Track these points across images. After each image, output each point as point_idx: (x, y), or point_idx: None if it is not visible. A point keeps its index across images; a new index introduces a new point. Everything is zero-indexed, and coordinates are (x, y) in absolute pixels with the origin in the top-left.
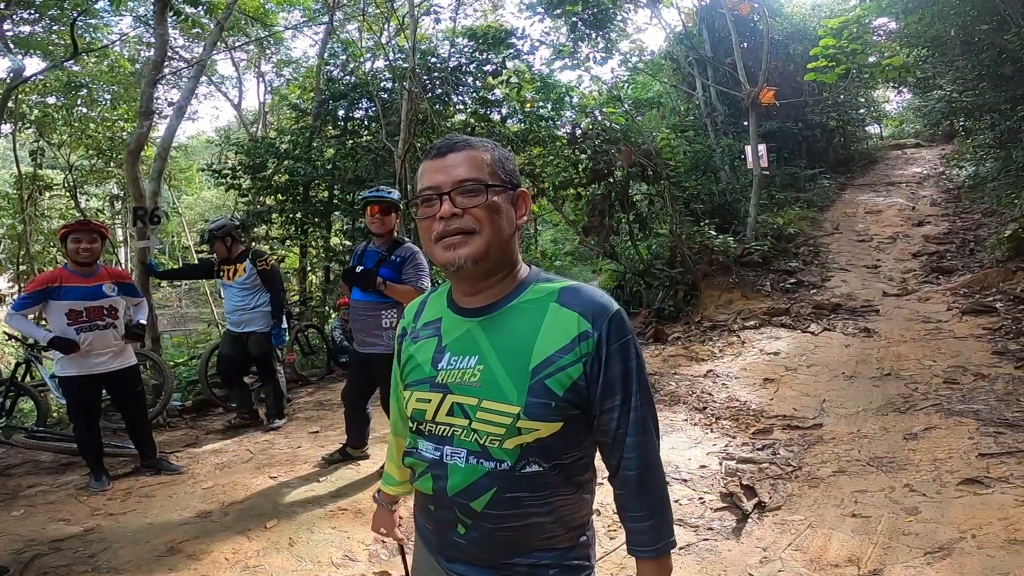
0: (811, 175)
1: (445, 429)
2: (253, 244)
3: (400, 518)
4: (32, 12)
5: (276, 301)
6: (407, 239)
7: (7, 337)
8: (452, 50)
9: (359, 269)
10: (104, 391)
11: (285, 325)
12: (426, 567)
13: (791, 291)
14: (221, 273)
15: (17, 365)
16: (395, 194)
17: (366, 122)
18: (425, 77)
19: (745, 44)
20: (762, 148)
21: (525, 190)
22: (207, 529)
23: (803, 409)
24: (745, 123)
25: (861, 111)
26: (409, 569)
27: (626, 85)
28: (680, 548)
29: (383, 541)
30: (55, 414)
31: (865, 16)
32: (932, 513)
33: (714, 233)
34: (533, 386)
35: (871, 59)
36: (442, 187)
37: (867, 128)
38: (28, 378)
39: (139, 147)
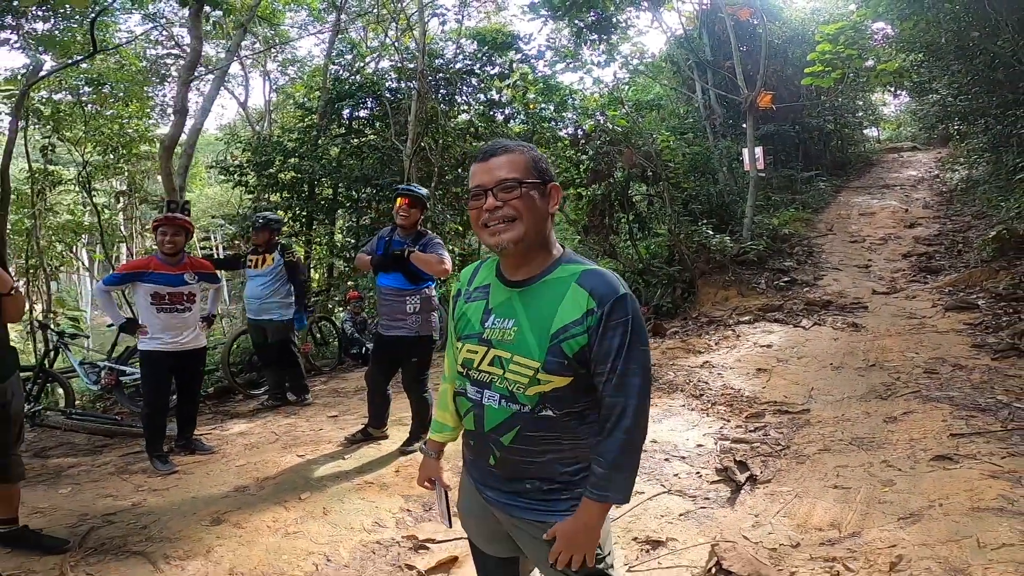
0: (807, 177)
1: (486, 376)
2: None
3: (444, 468)
4: (48, 10)
5: (300, 290)
6: (429, 231)
7: (37, 325)
8: (457, 51)
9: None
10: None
11: (306, 312)
12: (468, 491)
13: (785, 289)
14: (249, 263)
15: (46, 352)
16: (424, 192)
17: (371, 121)
18: (431, 78)
19: (744, 48)
20: (759, 151)
21: (556, 184)
22: (246, 501)
23: (793, 396)
24: (744, 125)
25: (859, 114)
26: (453, 512)
27: (627, 87)
28: (680, 515)
29: (428, 487)
30: (80, 400)
31: (861, 22)
32: (905, 485)
33: (711, 233)
34: (551, 347)
35: (868, 63)
36: (486, 185)
37: (864, 131)
38: (61, 363)
39: (173, 144)
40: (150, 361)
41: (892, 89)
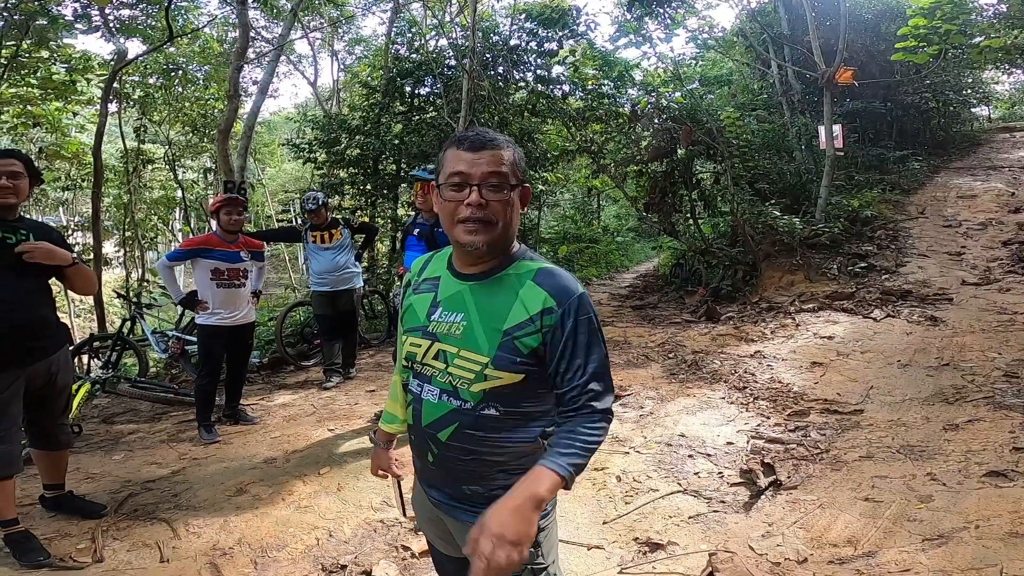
0: (900, 157)
1: (428, 370)
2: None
3: (396, 458)
4: None
5: (372, 238)
6: None
7: (115, 295)
8: (513, 27)
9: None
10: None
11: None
12: (417, 491)
13: (860, 276)
14: (312, 238)
15: (123, 321)
16: None
17: (431, 99)
18: (487, 55)
19: (829, 22)
20: (837, 129)
21: (528, 185)
22: (271, 473)
23: (846, 395)
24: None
25: (965, 92)
26: (406, 502)
27: (694, 63)
28: (689, 517)
29: (382, 476)
30: (153, 368)
31: None
32: (944, 502)
33: (778, 213)
34: (503, 343)
35: (977, 39)
36: (472, 178)
37: (972, 109)
38: (133, 334)
39: (228, 127)
40: (208, 335)
41: (1001, 66)
